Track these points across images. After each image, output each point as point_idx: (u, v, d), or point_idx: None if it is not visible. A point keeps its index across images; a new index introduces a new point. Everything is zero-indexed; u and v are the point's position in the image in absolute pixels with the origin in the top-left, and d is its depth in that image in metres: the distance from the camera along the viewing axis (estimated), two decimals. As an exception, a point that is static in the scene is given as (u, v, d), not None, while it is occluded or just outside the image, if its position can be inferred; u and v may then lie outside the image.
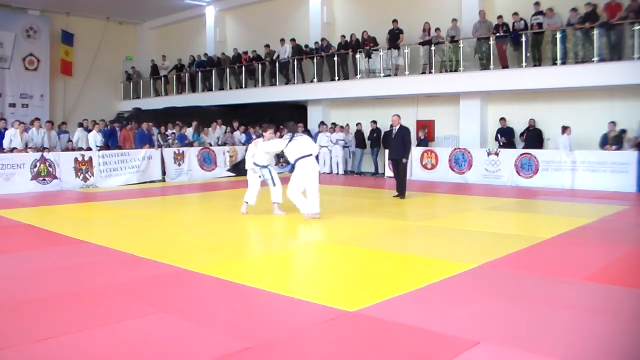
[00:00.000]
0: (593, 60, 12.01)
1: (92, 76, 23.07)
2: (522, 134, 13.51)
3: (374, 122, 15.86)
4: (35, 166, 11.79)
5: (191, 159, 14.52)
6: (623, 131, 12.00)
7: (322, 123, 16.98)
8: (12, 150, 12.32)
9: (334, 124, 16.97)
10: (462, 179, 13.50)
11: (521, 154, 12.72)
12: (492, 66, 13.54)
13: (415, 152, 14.00)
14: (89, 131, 14.35)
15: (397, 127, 10.30)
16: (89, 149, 13.59)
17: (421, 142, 14.72)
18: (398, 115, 10.43)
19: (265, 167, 8.26)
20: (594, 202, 9.86)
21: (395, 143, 10.30)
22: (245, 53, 19.34)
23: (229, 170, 15.25)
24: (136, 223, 8.07)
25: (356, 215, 8.49)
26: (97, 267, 5.37)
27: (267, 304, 4.25)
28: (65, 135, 15.08)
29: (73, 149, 13.77)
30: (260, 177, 8.27)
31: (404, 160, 10.34)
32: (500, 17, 13.62)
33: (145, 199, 10.74)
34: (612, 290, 4.50)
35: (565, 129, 12.27)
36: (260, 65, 18.73)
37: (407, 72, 15.06)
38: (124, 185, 12.97)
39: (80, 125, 15.48)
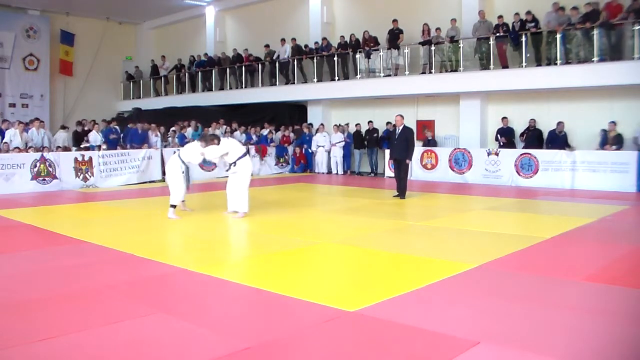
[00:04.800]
0: (593, 60, 12.01)
1: (92, 76, 23.06)
2: (522, 134, 13.51)
3: (371, 122, 15.88)
4: (35, 166, 11.79)
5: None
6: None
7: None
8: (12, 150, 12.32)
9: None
10: (462, 179, 13.50)
11: (521, 154, 12.72)
12: (492, 66, 13.53)
13: (416, 152, 13.99)
14: (88, 132, 14.35)
15: (401, 127, 10.29)
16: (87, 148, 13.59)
17: (429, 143, 14.70)
18: (401, 116, 10.41)
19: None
20: (594, 202, 9.86)
21: (398, 143, 10.29)
22: (249, 54, 19.28)
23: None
24: (136, 223, 8.07)
25: (356, 215, 8.48)
26: (97, 267, 5.37)
27: (267, 304, 4.25)
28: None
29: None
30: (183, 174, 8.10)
31: (407, 161, 10.35)
32: (500, 17, 13.61)
33: (145, 199, 10.73)
34: (612, 290, 4.50)
35: None
36: (260, 65, 18.74)
37: (407, 72, 15.06)
38: (124, 185, 12.98)
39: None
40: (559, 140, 12.55)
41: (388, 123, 15.51)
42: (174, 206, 8.04)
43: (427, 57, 14.73)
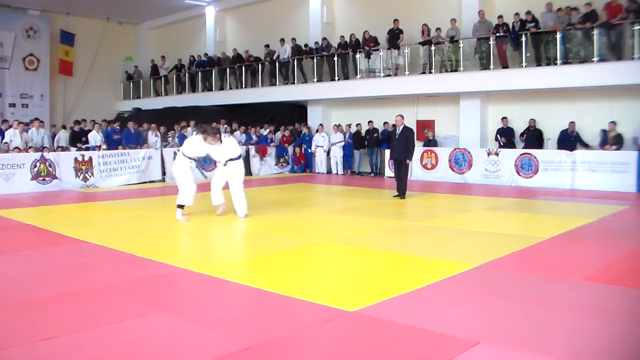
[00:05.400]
0: (593, 60, 12.01)
1: (92, 76, 23.06)
2: (522, 134, 13.51)
3: (371, 122, 15.89)
4: (35, 166, 11.79)
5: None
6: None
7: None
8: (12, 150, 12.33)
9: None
10: (462, 179, 13.50)
11: (521, 154, 12.72)
12: (492, 66, 13.54)
13: (416, 152, 13.98)
14: (88, 132, 14.36)
15: (401, 127, 10.30)
16: (87, 148, 13.61)
17: (430, 143, 14.69)
18: (401, 116, 10.42)
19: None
20: (594, 202, 9.86)
21: (398, 143, 10.30)
22: (249, 55, 19.34)
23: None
24: (136, 223, 8.07)
25: (356, 215, 8.48)
26: (97, 267, 5.37)
27: (267, 304, 4.25)
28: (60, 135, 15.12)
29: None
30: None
31: (407, 161, 10.36)
32: (500, 17, 13.62)
33: (145, 199, 10.73)
34: (612, 290, 4.50)
35: None
36: (260, 65, 18.74)
37: (407, 72, 15.07)
38: (124, 185, 12.98)
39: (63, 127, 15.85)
40: (570, 140, 12.50)
41: (385, 123, 15.57)
42: (181, 206, 7.90)
43: (427, 57, 14.74)
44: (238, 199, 8.07)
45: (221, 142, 8.00)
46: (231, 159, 8.09)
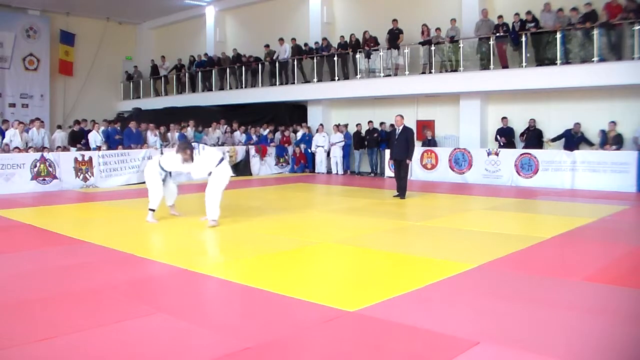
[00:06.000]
0: (593, 60, 12.01)
1: (92, 76, 23.07)
2: (522, 134, 13.51)
3: (371, 122, 15.89)
4: (35, 166, 11.79)
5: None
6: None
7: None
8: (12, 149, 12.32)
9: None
10: (462, 179, 13.50)
11: (521, 154, 12.72)
12: (492, 66, 13.54)
13: (416, 152, 13.98)
14: (88, 132, 14.35)
15: (401, 127, 10.31)
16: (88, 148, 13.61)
17: (429, 143, 14.69)
18: (401, 116, 10.43)
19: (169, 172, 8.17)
20: (594, 202, 9.86)
21: (398, 143, 10.31)
22: (249, 57, 19.37)
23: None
24: (136, 223, 8.06)
25: (356, 215, 8.48)
26: (97, 267, 5.37)
27: (267, 304, 4.25)
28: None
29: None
30: (163, 180, 8.06)
31: (407, 161, 10.36)
32: (500, 17, 13.62)
33: (145, 199, 10.69)
34: (612, 291, 4.50)
35: None
36: (260, 65, 18.75)
37: (407, 72, 15.07)
38: (124, 185, 12.97)
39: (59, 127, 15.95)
40: (573, 140, 12.47)
41: (382, 124, 15.60)
42: (152, 210, 7.93)
43: (427, 57, 14.74)
44: (210, 199, 7.46)
45: (192, 160, 7.63)
46: (215, 166, 7.88)
